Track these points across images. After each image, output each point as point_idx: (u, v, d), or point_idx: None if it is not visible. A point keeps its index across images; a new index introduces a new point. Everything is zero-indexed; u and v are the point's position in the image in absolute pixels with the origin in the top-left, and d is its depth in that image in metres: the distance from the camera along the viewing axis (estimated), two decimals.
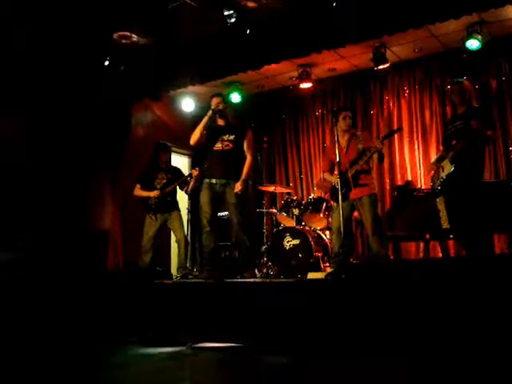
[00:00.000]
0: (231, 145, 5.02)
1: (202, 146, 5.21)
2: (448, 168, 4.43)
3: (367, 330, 3.41)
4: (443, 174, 4.47)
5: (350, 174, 4.86)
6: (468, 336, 3.09)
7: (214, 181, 5.02)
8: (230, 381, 3.11)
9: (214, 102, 5.10)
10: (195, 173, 5.67)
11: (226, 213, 5.29)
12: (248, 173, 5.04)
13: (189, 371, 3.36)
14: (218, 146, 5.04)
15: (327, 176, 5.23)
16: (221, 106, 5.08)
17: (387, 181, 7.41)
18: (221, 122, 5.17)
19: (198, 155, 8.01)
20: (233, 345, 3.81)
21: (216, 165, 5.03)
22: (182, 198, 6.36)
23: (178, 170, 6.18)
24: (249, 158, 5.04)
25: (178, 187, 5.96)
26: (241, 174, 4.99)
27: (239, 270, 5.17)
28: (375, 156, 4.85)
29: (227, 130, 5.09)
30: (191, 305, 4.30)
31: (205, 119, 5.05)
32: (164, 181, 5.95)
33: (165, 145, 6.19)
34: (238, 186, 4.92)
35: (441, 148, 5.15)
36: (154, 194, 5.83)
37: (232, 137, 5.04)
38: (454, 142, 4.46)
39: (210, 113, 5.03)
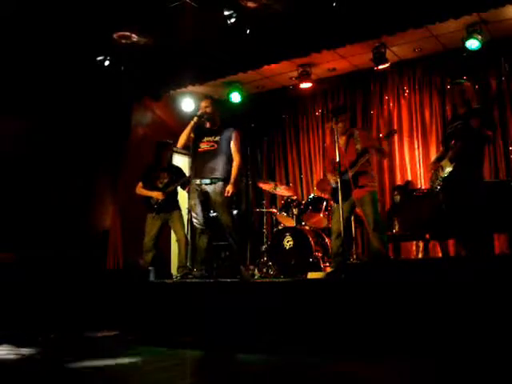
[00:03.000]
0: (216, 145, 5.03)
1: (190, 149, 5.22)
2: (447, 167, 4.42)
3: (366, 330, 3.41)
4: (442, 174, 4.47)
5: (350, 175, 4.86)
6: (468, 335, 3.09)
7: (198, 181, 5.02)
8: None
9: (202, 105, 5.16)
10: None
11: (216, 213, 5.23)
12: (236, 174, 5.00)
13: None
14: (203, 146, 5.07)
15: (329, 176, 5.23)
16: (208, 110, 5.09)
17: (387, 181, 7.41)
18: (209, 124, 5.20)
19: None
20: None
21: (201, 165, 5.03)
22: (183, 198, 6.36)
23: (179, 170, 6.18)
24: (237, 159, 5.01)
25: (179, 187, 5.97)
26: (227, 174, 4.97)
27: (235, 270, 5.15)
28: (375, 154, 4.85)
29: (213, 131, 5.12)
30: (191, 304, 4.31)
31: (190, 124, 5.07)
32: (166, 180, 5.94)
33: (166, 143, 6.16)
34: (229, 190, 4.90)
35: (440, 148, 5.15)
36: (157, 195, 5.82)
37: (217, 138, 5.05)
38: (453, 141, 4.46)
39: (195, 119, 5.06)
